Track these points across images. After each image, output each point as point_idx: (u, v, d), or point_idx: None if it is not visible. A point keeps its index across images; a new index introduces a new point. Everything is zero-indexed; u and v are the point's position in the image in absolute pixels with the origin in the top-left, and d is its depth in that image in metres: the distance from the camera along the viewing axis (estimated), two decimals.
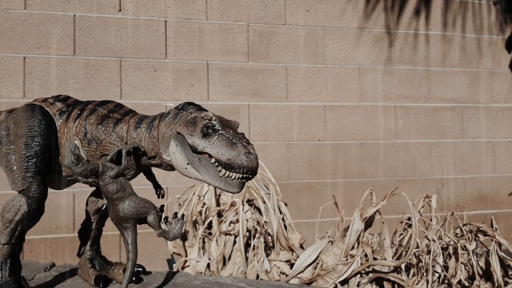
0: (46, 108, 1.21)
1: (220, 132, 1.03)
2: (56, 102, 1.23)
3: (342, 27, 3.08)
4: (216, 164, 1.02)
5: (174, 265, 2.31)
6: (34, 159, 1.11)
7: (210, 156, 1.03)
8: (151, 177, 1.31)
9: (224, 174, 1.01)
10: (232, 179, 1.01)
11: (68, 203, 2.57)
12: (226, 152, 1.00)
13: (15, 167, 1.11)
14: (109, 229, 2.15)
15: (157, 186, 1.31)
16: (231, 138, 1.02)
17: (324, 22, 3.05)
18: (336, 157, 3.05)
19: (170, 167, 1.15)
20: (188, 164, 1.05)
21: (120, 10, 2.69)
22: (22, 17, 2.54)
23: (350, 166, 3.07)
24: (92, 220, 1.34)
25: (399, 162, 3.17)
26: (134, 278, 1.31)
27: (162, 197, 1.30)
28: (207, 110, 1.11)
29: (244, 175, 1.00)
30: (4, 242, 1.11)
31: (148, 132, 1.13)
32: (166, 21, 2.77)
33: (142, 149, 1.14)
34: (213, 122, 1.04)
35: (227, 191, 1.03)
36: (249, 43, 2.90)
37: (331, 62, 3.05)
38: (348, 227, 1.82)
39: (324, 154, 3.02)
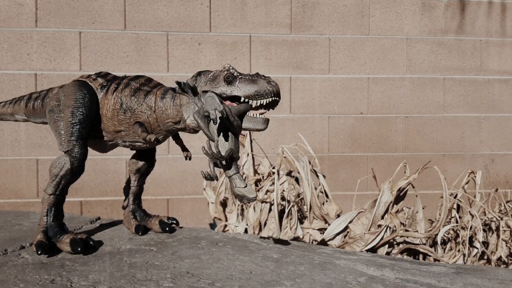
0: (90, 83, 1.41)
1: (240, 76, 1.19)
2: (98, 78, 1.42)
3: None
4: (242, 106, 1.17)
5: (215, 228, 2.45)
6: (78, 126, 1.32)
7: (235, 100, 1.18)
8: (179, 141, 1.48)
9: (251, 115, 1.18)
10: (257, 117, 1.18)
11: (121, 169, 2.78)
12: (252, 88, 1.16)
13: (63, 132, 1.34)
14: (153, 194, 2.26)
15: (184, 149, 1.47)
16: (250, 77, 1.18)
17: None
18: (379, 131, 3.00)
19: (194, 130, 1.31)
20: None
21: None
22: None
23: (393, 139, 3.01)
24: (134, 179, 1.55)
25: (446, 137, 3.06)
26: (167, 228, 1.54)
27: (190, 159, 1.43)
28: None
29: (272, 98, 1.16)
30: (50, 193, 1.33)
31: (173, 101, 1.31)
32: None
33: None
34: (231, 71, 1.19)
35: (256, 129, 1.19)
36: (292, 14, 2.90)
37: (377, 32, 2.97)
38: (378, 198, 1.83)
39: (367, 127, 2.99)
